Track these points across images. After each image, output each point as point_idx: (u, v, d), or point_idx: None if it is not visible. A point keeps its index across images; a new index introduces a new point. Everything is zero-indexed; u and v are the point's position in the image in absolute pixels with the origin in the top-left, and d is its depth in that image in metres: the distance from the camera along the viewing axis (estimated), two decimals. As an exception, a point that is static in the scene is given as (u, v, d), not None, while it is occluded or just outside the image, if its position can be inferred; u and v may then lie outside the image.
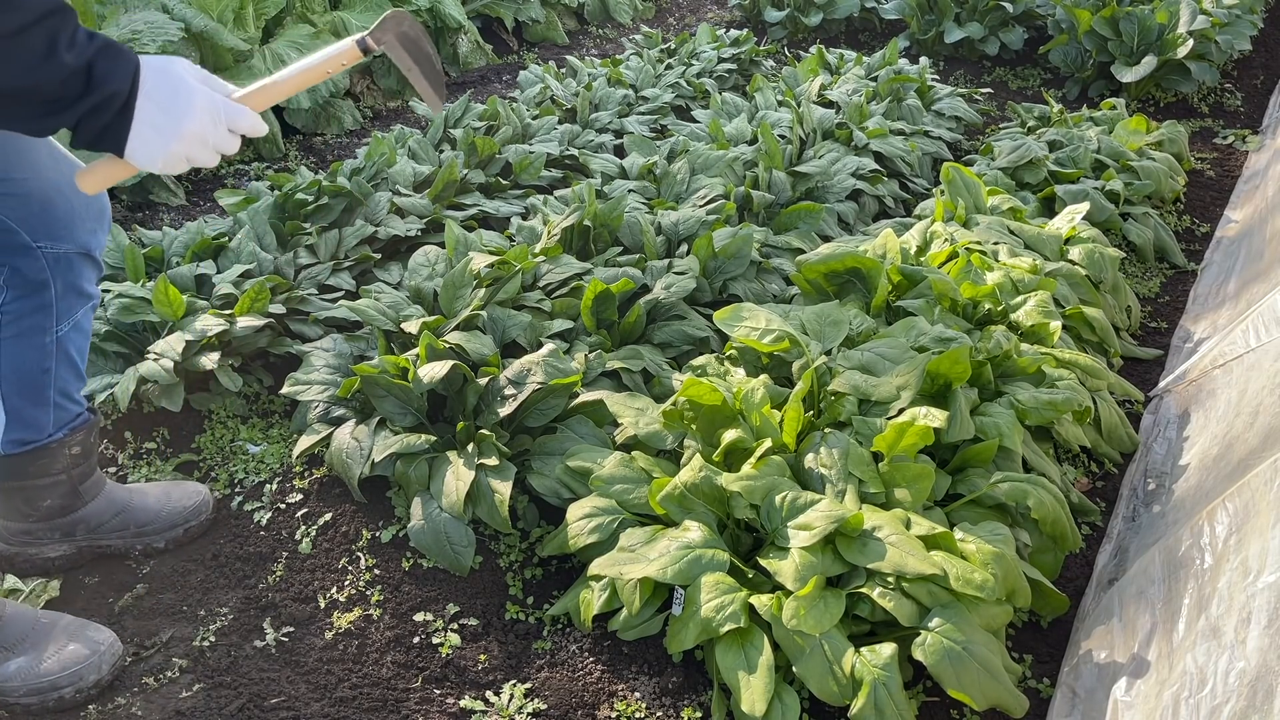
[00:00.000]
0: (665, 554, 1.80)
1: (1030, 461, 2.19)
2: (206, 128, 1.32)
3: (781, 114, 4.11)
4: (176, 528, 2.12)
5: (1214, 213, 3.94)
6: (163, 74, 1.28)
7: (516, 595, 2.06)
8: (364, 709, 1.79)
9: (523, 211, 3.34)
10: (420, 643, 1.94)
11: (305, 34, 4.60)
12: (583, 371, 2.35)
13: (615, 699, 1.83)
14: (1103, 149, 3.83)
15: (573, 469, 2.09)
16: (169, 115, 1.28)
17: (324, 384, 2.32)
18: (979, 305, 2.57)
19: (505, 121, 3.94)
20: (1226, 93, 5.16)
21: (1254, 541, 1.61)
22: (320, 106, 4.58)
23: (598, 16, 6.64)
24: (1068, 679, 1.83)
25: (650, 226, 2.96)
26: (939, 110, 4.54)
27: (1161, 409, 2.65)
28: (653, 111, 4.46)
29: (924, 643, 1.66)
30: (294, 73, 1.44)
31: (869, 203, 3.62)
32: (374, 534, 2.15)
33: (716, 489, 1.92)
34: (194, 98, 1.29)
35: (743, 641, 1.71)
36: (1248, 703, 1.36)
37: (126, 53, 1.26)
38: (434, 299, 2.59)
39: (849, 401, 2.11)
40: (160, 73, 1.28)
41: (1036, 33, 5.68)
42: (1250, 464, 1.84)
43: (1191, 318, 3.13)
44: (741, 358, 2.38)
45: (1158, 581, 1.83)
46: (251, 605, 2.01)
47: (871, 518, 1.80)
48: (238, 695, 1.80)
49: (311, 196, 3.14)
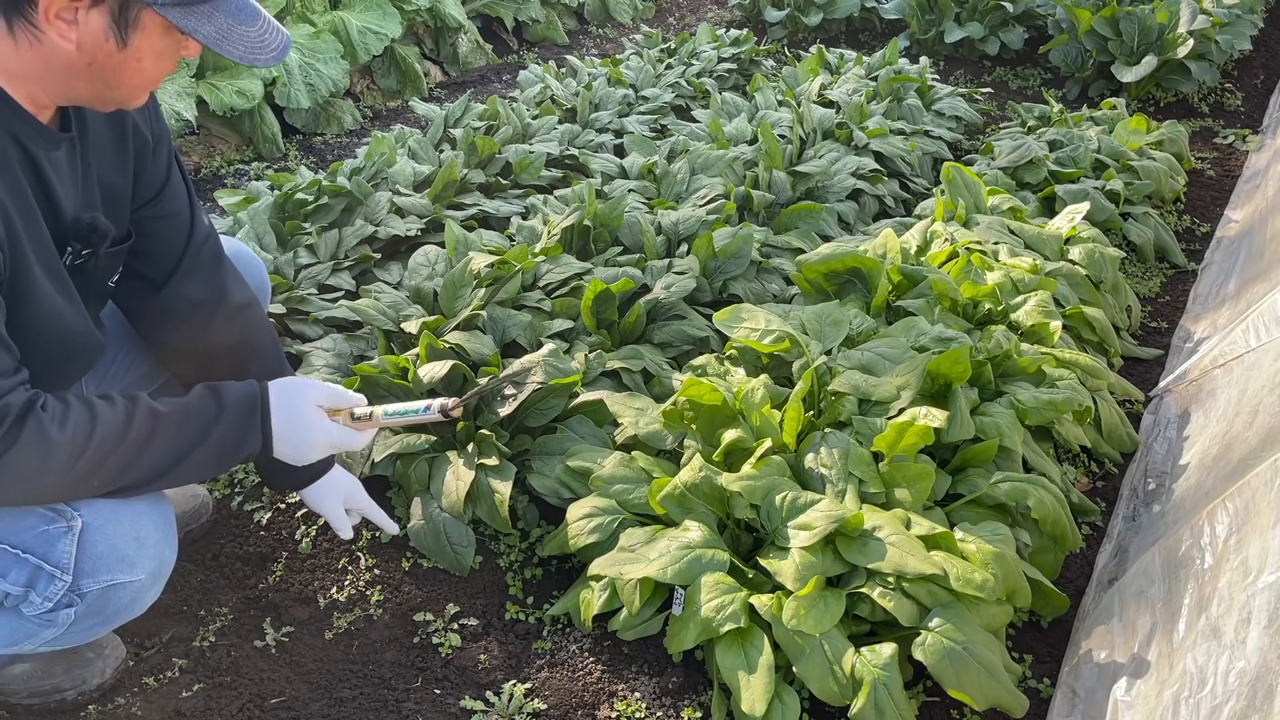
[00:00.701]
0: (665, 554, 1.80)
1: (1030, 461, 2.19)
2: (324, 452, 1.67)
3: (781, 114, 4.11)
4: (177, 532, 2.12)
5: (1214, 212, 3.94)
6: (289, 420, 1.61)
7: (516, 595, 2.06)
8: (364, 709, 1.79)
9: (523, 211, 3.34)
10: (420, 643, 1.94)
11: (305, 34, 4.60)
12: (583, 371, 2.35)
13: (615, 699, 1.83)
14: (1103, 149, 3.83)
15: (573, 469, 2.09)
16: (297, 450, 1.63)
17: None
18: (979, 305, 2.57)
19: (505, 121, 3.94)
20: (1226, 92, 5.16)
21: (1254, 541, 1.61)
22: (320, 106, 4.58)
23: (598, 16, 6.64)
24: (1068, 679, 1.83)
25: (650, 226, 2.96)
26: (939, 110, 4.54)
27: (1162, 409, 2.65)
28: (653, 111, 4.46)
29: (924, 643, 1.66)
30: (389, 421, 1.75)
31: (869, 202, 3.62)
32: (374, 534, 2.15)
33: (716, 489, 1.92)
34: (313, 435, 1.64)
35: (743, 641, 1.71)
36: (1248, 703, 1.36)
37: (257, 412, 1.57)
38: (434, 299, 2.58)
39: (849, 401, 2.11)
40: (287, 421, 1.61)
41: (1037, 33, 5.68)
42: (1250, 464, 1.84)
43: (1191, 318, 3.13)
44: (741, 358, 2.38)
45: (1158, 581, 1.83)
46: (251, 605, 2.01)
47: (872, 518, 1.80)
48: (238, 695, 1.80)
49: (311, 196, 3.14)
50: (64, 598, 1.45)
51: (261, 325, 1.87)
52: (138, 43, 1.34)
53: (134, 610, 1.54)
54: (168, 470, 1.48)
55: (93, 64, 1.34)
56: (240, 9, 1.38)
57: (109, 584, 1.47)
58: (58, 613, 1.46)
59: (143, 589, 1.52)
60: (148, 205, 1.69)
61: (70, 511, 1.44)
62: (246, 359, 1.81)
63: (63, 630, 1.49)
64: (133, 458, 1.43)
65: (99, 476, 1.42)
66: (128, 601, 1.51)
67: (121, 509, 1.48)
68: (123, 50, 1.34)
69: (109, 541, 1.46)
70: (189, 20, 1.33)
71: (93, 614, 1.49)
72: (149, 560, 1.50)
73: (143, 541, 1.49)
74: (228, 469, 1.58)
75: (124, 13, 1.30)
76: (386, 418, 1.74)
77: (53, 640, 1.51)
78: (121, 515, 1.48)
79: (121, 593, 1.49)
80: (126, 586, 1.49)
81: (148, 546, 1.50)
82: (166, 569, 1.56)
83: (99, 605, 1.48)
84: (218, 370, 1.75)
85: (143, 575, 1.50)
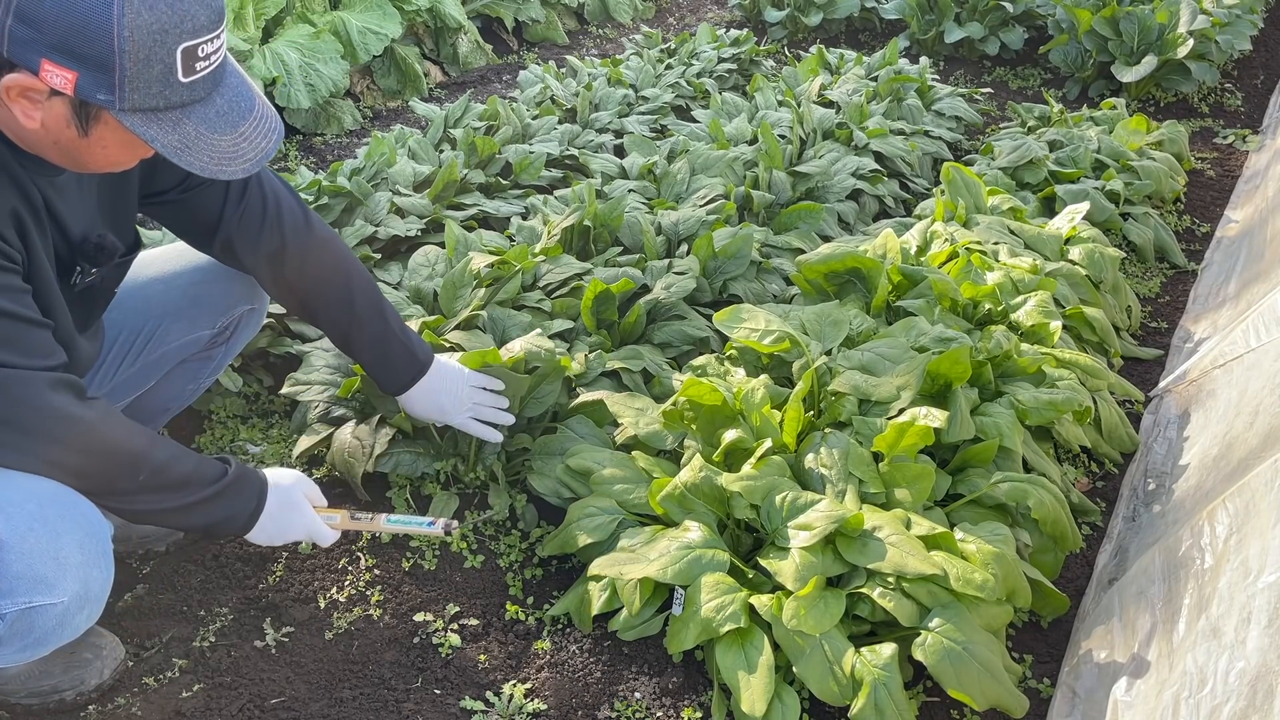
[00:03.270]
0: (665, 554, 1.80)
1: (1030, 461, 2.19)
2: (300, 538, 1.79)
3: (781, 114, 4.10)
4: (176, 532, 2.12)
5: (1214, 213, 3.94)
6: (281, 505, 1.73)
7: (516, 595, 2.06)
8: (364, 709, 1.79)
9: (523, 211, 3.34)
10: (420, 643, 1.94)
11: (305, 34, 4.60)
12: (582, 371, 2.35)
13: (615, 699, 1.83)
14: (1103, 149, 3.83)
15: (573, 469, 2.09)
16: (280, 528, 1.74)
17: (324, 384, 2.32)
18: (979, 305, 2.57)
19: (505, 121, 3.94)
20: (1226, 93, 5.16)
21: (1254, 541, 1.61)
22: (320, 107, 4.58)
23: (598, 16, 6.64)
24: (1068, 679, 1.83)
25: (650, 226, 2.96)
26: (939, 110, 4.53)
27: (1162, 409, 2.65)
28: (653, 111, 4.46)
29: (924, 643, 1.66)
30: (389, 528, 1.88)
31: (869, 203, 3.62)
32: (374, 534, 2.15)
33: (717, 489, 1.92)
34: (297, 521, 1.76)
35: (743, 641, 1.71)
36: (1248, 703, 1.36)
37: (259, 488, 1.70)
38: (434, 299, 2.58)
39: (849, 401, 2.11)
40: (279, 504, 1.73)
41: (1036, 33, 5.68)
42: (1250, 464, 1.84)
43: (1192, 318, 3.13)
44: (741, 358, 2.38)
45: (1158, 581, 1.83)
46: (251, 605, 2.01)
47: (872, 518, 1.80)
48: (238, 695, 1.80)
49: (311, 196, 3.14)
50: None
51: (342, 260, 1.94)
52: (100, 133, 1.31)
53: (65, 633, 1.47)
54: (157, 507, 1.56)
55: (58, 143, 1.32)
56: (219, 116, 1.33)
57: (28, 606, 1.39)
58: None
59: (67, 611, 1.43)
60: (175, 190, 1.72)
61: None
62: (346, 288, 1.93)
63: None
64: (136, 476, 1.50)
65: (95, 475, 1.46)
66: (54, 625, 1.43)
67: (39, 528, 1.39)
68: (85, 138, 1.31)
69: (24, 561, 1.37)
70: (149, 129, 1.28)
71: (18, 636, 1.42)
72: (71, 582, 1.42)
73: (63, 563, 1.41)
74: (207, 530, 1.71)
75: (84, 107, 1.27)
76: (388, 523, 1.87)
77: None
78: (39, 533, 1.39)
79: (44, 616, 1.41)
80: (48, 610, 1.41)
81: (69, 568, 1.41)
82: (96, 590, 1.47)
83: (23, 628, 1.41)
84: (323, 302, 1.92)
85: (65, 598, 1.41)
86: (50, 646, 1.49)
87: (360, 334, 1.97)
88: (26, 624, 1.41)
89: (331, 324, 1.98)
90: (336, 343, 2.03)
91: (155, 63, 1.23)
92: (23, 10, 1.19)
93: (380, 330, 1.98)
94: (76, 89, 1.23)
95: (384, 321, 1.98)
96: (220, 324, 1.98)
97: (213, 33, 1.28)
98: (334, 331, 1.99)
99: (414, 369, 2.03)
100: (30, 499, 1.41)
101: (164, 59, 1.24)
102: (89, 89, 1.23)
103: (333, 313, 1.95)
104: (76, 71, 1.21)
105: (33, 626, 1.42)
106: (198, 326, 1.95)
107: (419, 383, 2.04)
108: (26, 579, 1.38)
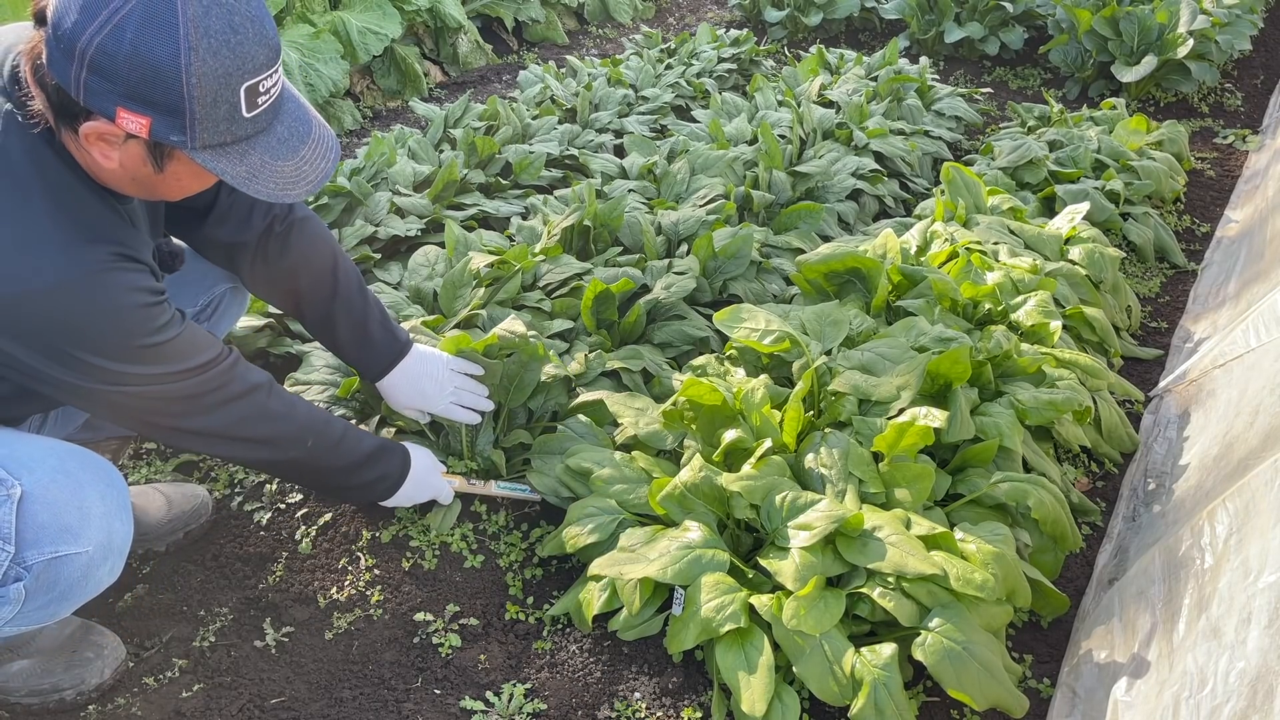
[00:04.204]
0: (665, 554, 1.80)
1: (1030, 461, 2.19)
2: (428, 499, 2.07)
3: (781, 114, 4.11)
4: (177, 532, 2.12)
5: (1214, 213, 3.94)
6: (422, 470, 2.02)
7: (516, 595, 2.06)
8: (364, 709, 1.79)
9: (523, 211, 3.34)
10: (420, 643, 1.94)
11: (305, 34, 4.60)
12: (582, 370, 2.35)
13: (615, 699, 1.83)
14: (1103, 149, 3.83)
15: (572, 469, 2.09)
16: (418, 489, 2.02)
17: (324, 384, 2.32)
18: (979, 305, 2.57)
19: (505, 121, 3.94)
20: (1226, 93, 5.16)
21: (1254, 542, 1.61)
22: (320, 106, 4.58)
23: (598, 16, 6.64)
24: (1068, 679, 1.83)
25: (650, 226, 2.96)
26: (939, 110, 4.53)
27: (1162, 409, 2.65)
28: (653, 111, 4.46)
29: (924, 643, 1.66)
30: (499, 492, 2.16)
31: (869, 203, 3.62)
32: (374, 534, 2.15)
33: (716, 489, 1.92)
34: (431, 483, 2.05)
35: (743, 641, 1.71)
36: (1248, 703, 1.36)
37: (402, 453, 1.99)
38: (434, 299, 2.58)
39: (849, 401, 2.11)
40: (421, 469, 2.01)
41: (1036, 33, 5.68)
42: (1250, 464, 1.84)
43: (1192, 318, 3.13)
44: (741, 358, 2.38)
45: (1158, 581, 1.83)
46: (251, 605, 2.01)
47: (872, 518, 1.80)
48: (238, 695, 1.80)
49: (311, 197, 3.14)
50: (10, 570, 1.42)
51: (326, 251, 1.97)
52: (173, 169, 1.40)
53: (88, 586, 1.51)
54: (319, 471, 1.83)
55: (135, 179, 1.41)
56: (280, 143, 1.41)
57: (54, 556, 1.44)
58: (7, 588, 1.43)
59: (92, 562, 1.48)
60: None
61: (9, 479, 1.42)
62: (330, 267, 1.97)
63: (18, 609, 1.45)
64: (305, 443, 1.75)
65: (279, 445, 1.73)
66: (79, 576, 1.48)
67: (61, 479, 1.46)
68: (160, 174, 1.39)
69: (50, 511, 1.43)
70: (219, 163, 1.36)
71: (44, 590, 1.46)
72: (95, 531, 1.47)
73: (87, 512, 1.47)
74: (360, 494, 1.97)
75: (158, 148, 1.35)
76: (499, 488, 2.15)
77: (13, 619, 1.47)
78: (62, 484, 1.45)
79: (69, 566, 1.46)
80: (74, 559, 1.46)
81: (93, 518, 1.47)
82: (119, 541, 1.53)
83: (49, 580, 1.45)
84: (309, 280, 1.96)
85: (89, 547, 1.47)
86: (74, 602, 1.52)
87: (344, 314, 2.00)
88: (53, 575, 1.45)
89: (315, 305, 1.99)
90: (316, 327, 2.05)
91: (222, 103, 1.31)
92: (96, 64, 1.25)
93: (362, 310, 2.02)
94: (151, 133, 1.30)
95: (365, 302, 2.02)
96: (201, 302, 2.01)
97: (271, 68, 1.35)
98: (316, 313, 2.01)
99: (394, 350, 2.07)
100: (50, 454, 1.48)
101: (229, 99, 1.31)
102: (162, 132, 1.30)
103: (318, 291, 1.97)
104: (150, 117, 1.29)
105: (59, 578, 1.46)
106: (179, 304, 1.96)
107: (399, 365, 2.07)
108: (52, 529, 1.43)
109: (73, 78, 1.26)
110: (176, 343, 1.51)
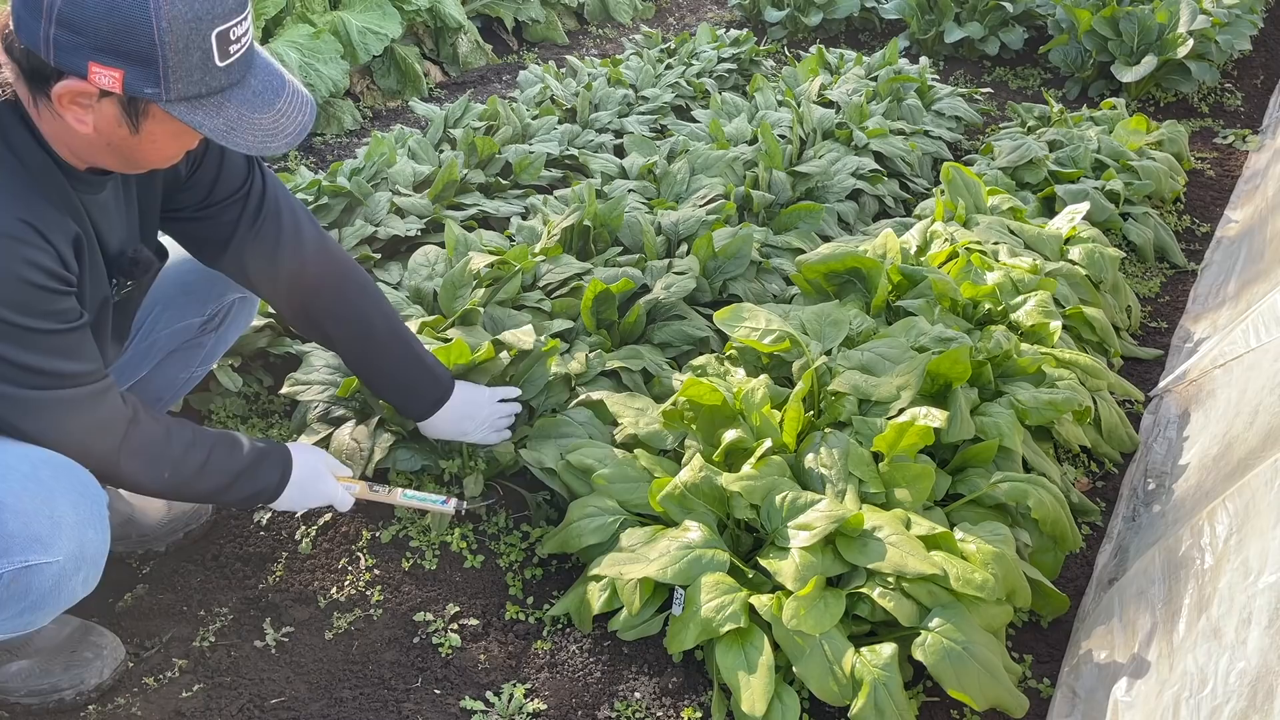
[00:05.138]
0: (665, 554, 1.80)
1: (1030, 461, 2.19)
2: (320, 505, 1.91)
3: (781, 114, 4.10)
4: (177, 532, 2.12)
5: (1214, 213, 3.94)
6: (307, 476, 1.86)
7: (516, 595, 2.06)
8: (364, 709, 1.79)
9: (523, 211, 3.34)
10: (420, 643, 1.94)
11: (305, 34, 4.60)
12: (582, 370, 2.35)
13: (615, 699, 1.83)
14: (1103, 149, 3.83)
15: (574, 465, 2.08)
16: (305, 495, 1.86)
17: (324, 384, 2.32)
18: (979, 305, 2.57)
19: (505, 121, 3.93)
20: (1226, 93, 5.16)
21: (1254, 542, 1.61)
22: (320, 107, 4.58)
23: (598, 16, 6.64)
24: (1068, 679, 1.83)
25: (650, 226, 2.96)
26: (939, 110, 4.53)
27: (1161, 409, 2.65)
28: (653, 111, 4.46)
29: (924, 643, 1.66)
30: (404, 502, 2.01)
31: (869, 202, 3.62)
32: (374, 534, 2.15)
33: (717, 489, 1.92)
34: (320, 488, 1.89)
35: (743, 641, 1.71)
36: (1248, 703, 1.36)
37: (283, 461, 1.82)
38: (434, 299, 2.58)
39: (849, 401, 2.11)
40: (304, 475, 1.85)
41: (1036, 33, 5.68)
42: (1250, 464, 1.84)
43: (1191, 318, 3.13)
44: (741, 358, 2.38)
45: (1158, 581, 1.83)
46: (251, 605, 2.01)
47: (872, 518, 1.80)
48: (238, 695, 1.80)
49: (311, 196, 3.14)
50: None
51: (359, 284, 1.95)
52: (150, 128, 1.37)
53: (61, 596, 1.48)
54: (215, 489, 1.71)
55: (110, 144, 1.38)
56: (255, 95, 1.39)
57: (24, 565, 1.40)
58: None
59: (64, 572, 1.45)
60: (193, 208, 1.76)
61: None
62: (362, 313, 1.95)
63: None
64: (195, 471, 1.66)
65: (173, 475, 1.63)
66: (50, 586, 1.44)
67: (33, 486, 1.42)
68: (136, 135, 1.37)
69: (19, 520, 1.40)
70: (196, 115, 1.34)
71: (15, 599, 1.43)
72: (67, 541, 1.44)
73: (58, 522, 1.43)
74: (241, 503, 1.82)
75: (133, 104, 1.33)
76: (404, 497, 1.99)
77: None
78: (33, 493, 1.42)
79: (40, 575, 1.42)
80: (44, 569, 1.42)
81: (64, 527, 1.43)
82: (92, 551, 1.49)
83: (19, 590, 1.42)
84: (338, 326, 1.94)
85: (60, 556, 1.43)
86: (47, 612, 1.49)
87: (381, 360, 1.98)
88: (23, 585, 1.42)
89: (348, 349, 1.98)
90: (352, 368, 2.04)
91: (194, 50, 1.28)
92: (65, 16, 1.24)
93: (401, 354, 1.99)
94: (124, 86, 1.28)
95: (405, 345, 1.99)
96: (209, 311, 2.00)
97: (241, 14, 1.34)
98: (350, 355, 2.00)
99: (436, 393, 2.05)
100: (23, 461, 1.44)
101: (201, 45, 1.29)
102: (136, 84, 1.29)
103: (349, 340, 1.96)
104: (122, 69, 1.27)
105: (30, 588, 1.43)
106: (187, 314, 1.97)
107: (443, 408, 2.06)
108: (22, 538, 1.40)
109: (41, 36, 1.24)
110: (54, 338, 1.42)
